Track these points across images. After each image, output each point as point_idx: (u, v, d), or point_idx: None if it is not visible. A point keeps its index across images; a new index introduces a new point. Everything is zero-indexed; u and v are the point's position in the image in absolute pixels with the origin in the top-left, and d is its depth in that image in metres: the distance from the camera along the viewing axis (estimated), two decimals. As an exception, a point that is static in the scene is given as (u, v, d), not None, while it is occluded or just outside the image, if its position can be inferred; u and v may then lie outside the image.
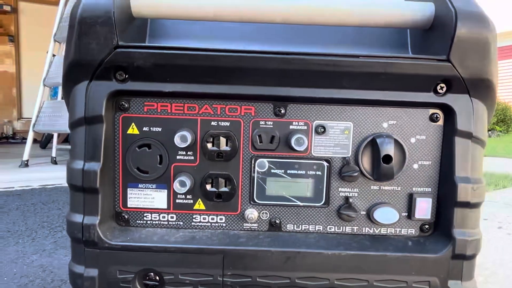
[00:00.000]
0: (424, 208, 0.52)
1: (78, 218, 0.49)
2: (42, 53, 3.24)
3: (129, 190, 0.52)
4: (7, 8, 7.69)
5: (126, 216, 0.52)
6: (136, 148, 0.51)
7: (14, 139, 6.79)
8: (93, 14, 0.46)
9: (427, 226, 0.52)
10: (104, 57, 0.47)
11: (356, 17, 0.52)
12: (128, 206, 0.52)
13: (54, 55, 3.06)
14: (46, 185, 2.13)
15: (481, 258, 1.23)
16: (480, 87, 0.49)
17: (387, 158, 0.49)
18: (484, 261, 1.20)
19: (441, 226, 0.51)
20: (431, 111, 0.51)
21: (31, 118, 2.95)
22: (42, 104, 2.92)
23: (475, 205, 0.50)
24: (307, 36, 0.56)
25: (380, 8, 0.52)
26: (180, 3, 0.52)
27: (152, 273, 0.50)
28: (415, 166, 0.52)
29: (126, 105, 0.51)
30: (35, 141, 3.20)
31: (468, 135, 0.49)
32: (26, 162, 2.74)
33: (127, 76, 0.49)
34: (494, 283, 1.14)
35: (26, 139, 2.89)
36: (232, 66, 0.48)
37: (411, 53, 0.56)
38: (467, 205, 0.49)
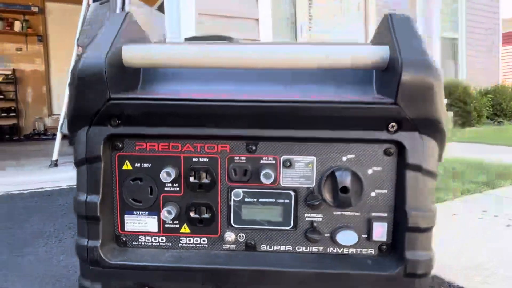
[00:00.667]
0: (380, 232, 0.58)
1: (83, 241, 0.59)
2: (69, 52, 3.39)
3: (126, 217, 0.61)
4: (34, 9, 7.97)
5: (124, 239, 0.62)
6: (130, 182, 0.60)
7: (46, 135, 7.12)
8: (88, 72, 0.55)
9: (384, 247, 0.59)
10: (99, 108, 0.56)
11: (323, 61, 0.58)
12: (126, 230, 0.62)
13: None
14: (73, 185, 2.28)
15: (483, 257, 1.28)
16: (428, 126, 0.55)
17: (344, 189, 0.56)
18: (486, 261, 1.24)
19: (396, 248, 0.58)
20: (386, 146, 0.57)
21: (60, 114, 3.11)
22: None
23: (426, 230, 0.56)
24: (281, 78, 0.63)
25: (344, 52, 0.58)
26: (165, 54, 0.60)
27: (146, 283, 0.60)
28: (373, 194, 0.58)
29: (120, 146, 0.60)
30: (64, 137, 3.38)
31: (418, 168, 0.55)
32: (55, 162, 2.92)
33: (119, 121, 0.58)
34: (491, 284, 1.19)
35: (56, 135, 3.06)
36: (209, 113, 0.56)
37: (376, 89, 0.61)
38: (418, 230, 0.56)
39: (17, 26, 8.22)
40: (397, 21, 0.59)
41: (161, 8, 3.18)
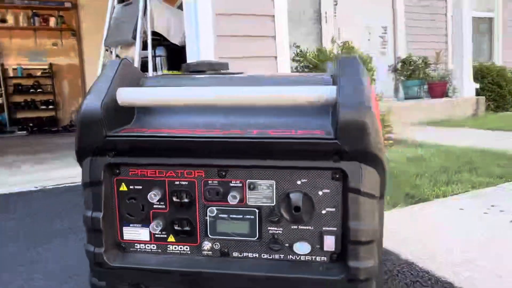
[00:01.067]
0: (330, 243, 0.70)
1: (91, 248, 0.74)
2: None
3: (124, 228, 0.75)
4: (68, 4, 8.31)
5: (123, 245, 0.76)
6: (126, 200, 0.74)
7: (82, 127, 7.45)
8: (87, 117, 0.69)
9: (335, 256, 0.71)
10: (98, 144, 0.70)
11: (279, 101, 0.69)
12: (124, 238, 0.76)
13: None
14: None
15: (476, 253, 1.37)
16: (365, 157, 0.65)
17: (297, 208, 0.68)
18: (479, 257, 1.33)
19: (343, 257, 0.69)
20: (332, 172, 0.68)
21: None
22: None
23: (367, 243, 0.67)
24: (249, 112, 0.75)
25: (297, 92, 0.69)
26: (150, 96, 0.73)
27: (141, 286, 0.74)
28: (323, 211, 0.70)
29: (117, 171, 0.74)
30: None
31: (358, 191, 0.66)
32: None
33: (116, 153, 0.71)
34: (481, 280, 1.28)
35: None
36: (187, 147, 0.69)
37: (331, 121, 0.71)
38: (359, 242, 0.67)
39: (52, 21, 8.59)
40: (344, 64, 0.69)
41: (181, 7, 3.31)
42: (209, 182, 0.72)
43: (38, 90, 8.52)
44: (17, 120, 8.33)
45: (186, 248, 0.75)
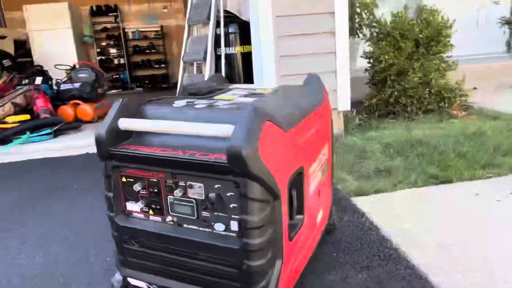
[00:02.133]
0: (235, 225, 1.10)
1: (109, 213, 1.26)
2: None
3: (127, 203, 1.25)
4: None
5: (126, 213, 1.27)
6: (126, 187, 1.23)
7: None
8: (97, 138, 1.17)
9: (240, 233, 1.10)
10: (105, 155, 1.18)
11: (200, 132, 1.09)
12: (127, 208, 1.26)
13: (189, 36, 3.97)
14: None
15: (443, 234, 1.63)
16: (249, 176, 1.02)
17: (212, 203, 1.09)
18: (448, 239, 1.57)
19: (242, 235, 1.09)
20: (233, 182, 1.06)
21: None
22: (182, 78, 3.92)
23: (253, 228, 1.05)
24: (190, 138, 1.15)
25: (209, 128, 1.07)
26: (140, 125, 1.18)
27: (135, 237, 1.25)
28: (231, 206, 1.09)
29: (120, 170, 1.22)
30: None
31: (245, 196, 1.04)
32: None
33: (118, 159, 1.19)
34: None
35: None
36: (154, 160, 1.13)
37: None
38: (248, 228, 1.05)
39: (163, -13, 9.37)
40: (245, 115, 1.04)
41: None
42: (167, 181, 1.16)
43: (152, 50, 9.68)
44: (135, 78, 9.66)
45: (158, 218, 1.22)
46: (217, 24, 3.70)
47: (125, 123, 1.19)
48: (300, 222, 1.31)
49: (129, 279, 1.32)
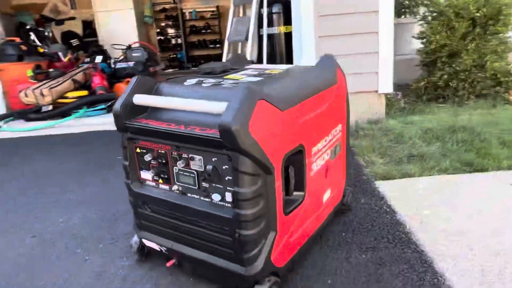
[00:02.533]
0: (229, 196, 1.18)
1: (126, 180, 1.40)
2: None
3: (141, 172, 1.38)
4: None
5: (141, 181, 1.40)
6: (140, 157, 1.36)
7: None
8: (115, 113, 1.30)
9: (233, 204, 1.18)
10: (121, 127, 1.31)
11: (198, 108, 1.17)
12: (141, 177, 1.39)
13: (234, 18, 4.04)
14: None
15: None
16: (240, 150, 1.08)
17: (209, 174, 1.17)
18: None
19: (235, 205, 1.17)
20: (227, 156, 1.14)
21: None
22: (228, 57, 4.02)
23: (245, 200, 1.13)
24: (191, 114, 1.24)
25: (205, 104, 1.15)
26: (152, 101, 1.29)
27: (147, 203, 1.38)
28: (226, 178, 1.17)
29: (134, 141, 1.35)
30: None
31: (236, 169, 1.11)
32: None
33: (131, 132, 1.32)
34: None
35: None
36: (161, 134, 1.24)
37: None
38: (240, 200, 1.13)
39: (218, -34, 9.43)
40: (239, 93, 1.10)
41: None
42: (172, 153, 1.27)
43: (208, 30, 9.88)
44: (191, 58, 9.96)
45: (166, 187, 1.34)
46: (261, 4, 3.73)
47: (138, 99, 1.31)
48: (300, 198, 1.36)
49: (143, 241, 1.47)
